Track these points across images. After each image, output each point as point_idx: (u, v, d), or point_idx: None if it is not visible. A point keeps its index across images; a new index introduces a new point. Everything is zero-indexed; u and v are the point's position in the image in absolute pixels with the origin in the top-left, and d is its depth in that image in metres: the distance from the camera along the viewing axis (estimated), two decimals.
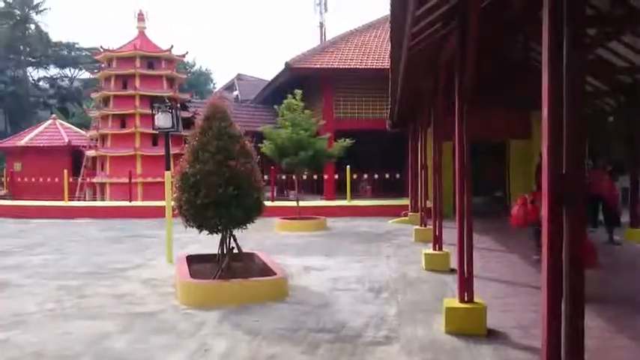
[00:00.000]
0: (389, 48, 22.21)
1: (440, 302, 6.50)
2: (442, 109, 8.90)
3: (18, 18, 45.40)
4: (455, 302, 5.80)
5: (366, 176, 20.40)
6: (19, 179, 24.28)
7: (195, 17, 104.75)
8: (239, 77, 42.15)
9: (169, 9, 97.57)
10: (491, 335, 5.51)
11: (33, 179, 22.44)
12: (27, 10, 46.41)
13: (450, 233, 9.50)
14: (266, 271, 7.77)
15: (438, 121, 9.22)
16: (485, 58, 8.88)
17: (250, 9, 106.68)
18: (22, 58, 47.44)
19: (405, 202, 17.37)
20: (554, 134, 2.56)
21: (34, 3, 46.99)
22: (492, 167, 17.42)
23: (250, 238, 9.74)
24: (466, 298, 5.72)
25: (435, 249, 9.21)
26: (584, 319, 2.66)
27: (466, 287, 5.72)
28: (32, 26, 46.54)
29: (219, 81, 59.83)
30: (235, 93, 38.87)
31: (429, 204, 12.82)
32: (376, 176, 19.96)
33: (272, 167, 18.38)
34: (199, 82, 54.82)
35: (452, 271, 8.58)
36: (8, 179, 25.84)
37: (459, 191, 5.89)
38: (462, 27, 5.46)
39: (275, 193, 20.02)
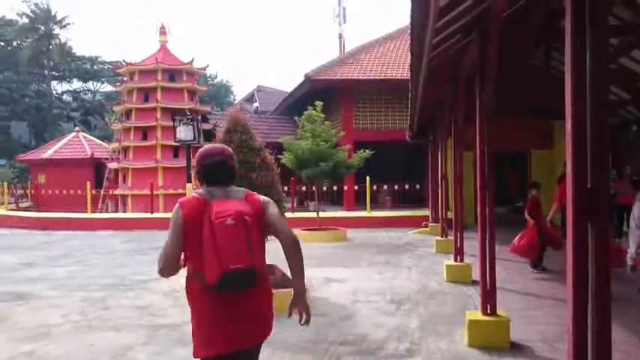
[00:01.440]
0: (408, 59, 22.12)
1: (462, 315, 6.44)
2: (462, 120, 8.87)
3: (42, 33, 46.25)
4: (478, 315, 5.75)
5: (385, 187, 20.35)
6: (43, 191, 24.64)
7: (216, 30, 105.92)
8: (259, 89, 42.45)
9: (191, 22, 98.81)
10: (515, 349, 5.44)
11: (57, 191, 22.76)
12: (51, 25, 47.27)
13: (472, 244, 9.45)
14: (287, 282, 7.77)
15: (459, 132, 9.18)
16: (506, 67, 8.83)
17: (270, 21, 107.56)
18: (46, 72, 48.29)
19: (426, 212, 17.29)
20: (578, 147, 2.54)
21: (58, 18, 47.89)
22: (514, 177, 17.32)
23: (270, 250, 9.74)
24: (489, 311, 5.66)
25: (456, 260, 9.15)
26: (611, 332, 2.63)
27: (489, 299, 5.67)
28: (56, 41, 47.37)
29: (240, 93, 60.36)
30: (255, 104, 39.13)
31: (450, 215, 12.77)
32: (396, 187, 19.90)
33: (292, 178, 18.42)
34: (220, 94, 55.36)
35: (474, 282, 8.50)
36: (33, 191, 26.24)
37: (481, 202, 5.86)
38: (483, 37, 5.45)
39: (295, 204, 20.05)
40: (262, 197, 3.12)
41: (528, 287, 8.29)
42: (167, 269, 2.93)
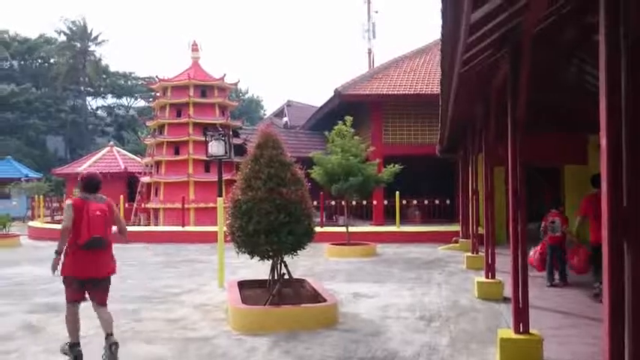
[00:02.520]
0: (438, 73, 21.99)
1: (494, 333, 6.36)
2: (493, 135, 8.80)
3: (78, 50, 47.46)
4: (510, 333, 5.66)
5: (415, 202, 20.23)
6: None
7: (247, 45, 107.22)
8: (288, 104, 42.71)
9: (222, 38, 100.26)
10: None
11: None
12: (87, 42, 48.49)
13: (503, 260, 9.34)
14: (316, 297, 7.78)
15: (490, 147, 9.11)
16: (538, 82, 8.75)
17: (299, 37, 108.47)
18: (82, 87, 49.47)
19: (456, 228, 17.12)
20: (613, 164, 2.51)
21: (93, 35, 49.08)
22: (546, 193, 17.01)
23: (300, 264, 9.80)
24: (521, 329, 5.56)
25: (487, 277, 9.03)
26: None
27: (521, 318, 5.58)
28: (91, 57, 48.55)
29: (270, 107, 60.91)
30: (285, 119, 39.37)
31: (481, 230, 12.63)
32: (426, 202, 19.76)
33: (321, 193, 18.45)
34: (250, 108, 55.92)
35: (505, 300, 8.39)
36: None
37: (513, 218, 5.78)
38: (514, 52, 5.42)
39: (324, 219, 20.06)
40: (111, 202, 5.99)
41: (560, 305, 8.14)
42: (65, 233, 5.66)
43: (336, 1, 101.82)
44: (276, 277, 7.62)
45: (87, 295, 5.79)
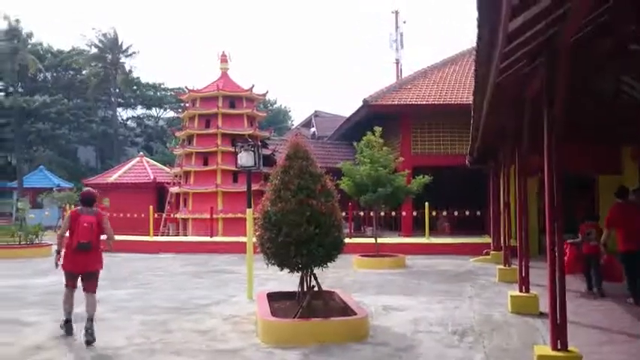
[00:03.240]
0: (467, 83, 21.87)
1: (529, 349, 6.19)
2: (526, 146, 8.63)
3: (109, 61, 48.30)
4: (547, 350, 5.49)
5: (444, 213, 19.99)
6: (107, 214, 25.40)
7: (275, 56, 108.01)
8: (316, 114, 42.83)
9: (250, 49, 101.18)
10: None
11: (120, 214, 23.45)
12: (117, 54, 49.31)
13: (535, 273, 9.13)
14: (346, 310, 7.68)
15: (522, 158, 8.93)
16: (572, 92, 8.56)
17: (327, 47, 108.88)
18: (112, 99, 50.28)
19: (487, 240, 16.85)
20: None
21: (124, 47, 49.90)
22: (581, 204, 16.64)
23: (328, 275, 9.70)
24: (559, 346, 5.40)
25: (521, 290, 8.82)
26: None
27: (559, 334, 5.41)
28: (122, 69, 49.34)
29: (297, 118, 61.11)
30: (312, 129, 39.45)
31: (513, 242, 12.39)
32: (456, 213, 19.51)
33: (349, 203, 18.35)
34: (278, 119, 56.18)
35: (541, 314, 8.19)
36: None
37: (549, 231, 5.63)
38: (552, 61, 5.29)
39: (352, 230, 19.94)
40: (102, 214, 7.54)
41: (598, 321, 7.89)
42: (60, 238, 7.29)
43: (364, 12, 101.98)
44: (305, 289, 7.55)
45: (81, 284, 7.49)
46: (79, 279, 7.39)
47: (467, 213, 19.12)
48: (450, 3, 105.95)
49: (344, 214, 13.74)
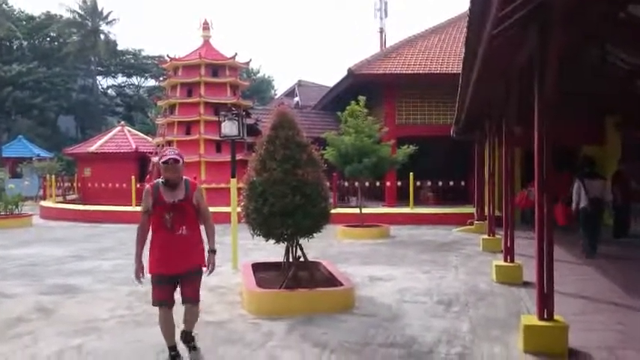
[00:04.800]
0: (453, 53, 21.67)
1: (515, 318, 6.23)
2: (513, 116, 8.57)
3: (88, 29, 47.22)
4: (534, 319, 5.50)
5: (429, 183, 20.01)
6: (89, 184, 25.11)
7: (258, 25, 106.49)
8: (299, 83, 42.40)
9: (233, 17, 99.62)
10: (574, 356, 5.20)
11: (102, 184, 23.17)
12: (97, 20, 48.22)
13: (519, 243, 9.17)
14: (332, 280, 7.65)
15: (509, 128, 8.88)
16: (560, 61, 8.47)
17: (310, 16, 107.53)
18: (92, 67, 49.30)
19: (470, 210, 16.93)
20: None
21: (104, 14, 48.79)
22: (564, 173, 16.74)
23: (313, 246, 9.63)
24: (546, 316, 5.41)
25: (506, 260, 8.86)
26: None
27: (546, 304, 5.42)
28: (101, 36, 48.31)
29: (281, 87, 60.57)
30: (296, 99, 39.10)
31: (498, 213, 12.44)
32: (440, 183, 19.54)
33: (333, 174, 18.27)
34: (261, 88, 55.60)
35: (525, 284, 8.25)
36: (79, 184, 26.79)
37: (538, 201, 5.59)
38: (544, 29, 5.18)
39: (336, 200, 19.90)
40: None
41: (583, 290, 7.96)
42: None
43: None
44: (291, 260, 7.49)
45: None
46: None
47: (451, 183, 19.15)
48: None
49: (328, 184, 13.67)
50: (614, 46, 10.93)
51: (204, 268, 5.12)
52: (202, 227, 5.17)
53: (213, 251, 5.15)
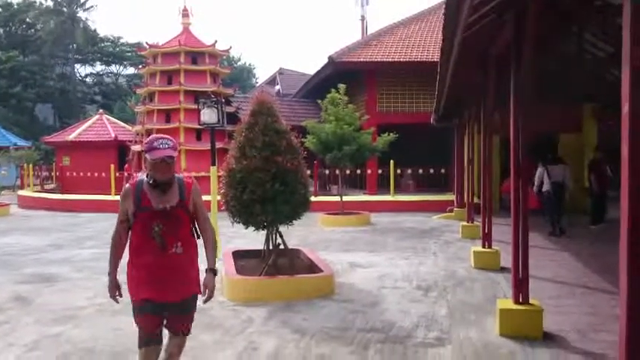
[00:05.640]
0: (433, 41, 21.71)
1: (492, 302, 6.31)
2: (491, 103, 8.64)
3: (66, 15, 46.48)
4: (509, 303, 5.59)
5: (409, 171, 20.11)
6: (67, 173, 24.84)
7: (239, 13, 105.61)
8: (281, 71, 42.22)
9: (213, 4, 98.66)
10: (549, 339, 5.29)
11: (81, 173, 22.93)
12: (74, 7, 47.48)
13: (498, 229, 9.29)
14: (312, 267, 7.70)
15: (487, 116, 8.95)
16: (537, 50, 8.56)
17: (291, 4, 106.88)
18: (70, 55, 48.58)
19: (450, 197, 17.08)
20: (635, 130, 2.37)
21: (81, 1, 48.06)
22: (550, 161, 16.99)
23: (294, 234, 9.69)
24: (521, 300, 5.50)
25: (484, 246, 8.97)
26: None
27: (521, 288, 5.51)
28: (79, 23, 47.59)
29: (262, 75, 60.24)
30: (277, 87, 38.94)
31: (476, 199, 12.56)
32: (420, 171, 19.66)
33: (315, 162, 18.30)
34: (242, 76, 55.32)
35: (502, 269, 8.36)
36: (57, 173, 26.49)
37: (514, 187, 5.66)
38: (520, 16, 5.22)
39: (317, 188, 19.95)
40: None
41: (558, 275, 8.10)
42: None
43: None
44: (271, 247, 7.51)
45: None
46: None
47: (431, 171, 19.28)
48: None
49: (309, 172, 13.69)
50: (590, 34, 11.06)
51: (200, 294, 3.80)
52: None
53: (213, 271, 3.75)
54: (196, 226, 3.80)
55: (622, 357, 2.48)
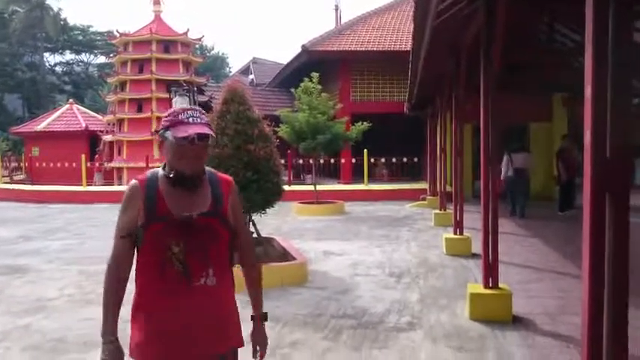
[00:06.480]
0: (407, 30, 21.80)
1: (463, 288, 6.40)
2: (463, 92, 8.72)
3: (34, 3, 45.45)
4: (479, 288, 5.68)
5: (383, 160, 20.23)
6: (37, 164, 24.43)
7: (212, 1, 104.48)
8: (254, 61, 41.97)
9: None
10: (517, 322, 5.39)
11: (51, 164, 22.57)
12: None
13: (470, 217, 9.41)
14: (285, 255, 7.71)
15: (459, 104, 9.04)
16: (507, 39, 8.64)
17: None
18: (39, 43, 47.58)
19: (423, 185, 17.22)
20: (597, 114, 2.42)
21: None
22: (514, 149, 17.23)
23: (268, 223, 9.68)
24: (491, 284, 5.60)
25: (455, 233, 9.09)
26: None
27: (491, 273, 5.60)
28: (48, 11, 46.57)
29: (235, 65, 59.86)
30: (251, 77, 38.72)
31: (449, 187, 12.69)
32: (394, 160, 19.77)
33: (288, 151, 18.27)
34: (216, 66, 54.83)
35: (473, 255, 8.48)
36: (26, 164, 26.03)
37: (484, 175, 5.74)
38: (488, 6, 5.27)
39: (292, 177, 19.94)
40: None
41: (528, 260, 8.25)
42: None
43: None
44: None
45: None
46: None
47: (405, 160, 19.41)
48: None
49: (283, 161, 13.66)
50: (560, 24, 11.20)
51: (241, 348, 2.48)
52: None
53: (263, 318, 2.59)
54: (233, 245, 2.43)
55: (584, 337, 2.54)
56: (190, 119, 2.24)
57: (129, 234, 2.36)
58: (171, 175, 2.29)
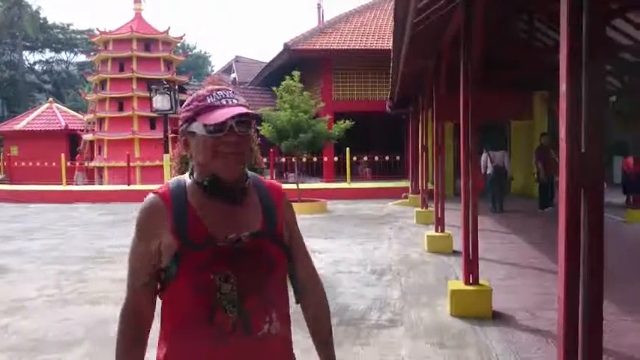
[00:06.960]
0: (389, 28, 21.85)
1: (444, 284, 6.44)
2: (444, 90, 8.77)
3: (12, 1, 44.83)
4: (460, 284, 5.73)
5: (365, 158, 20.28)
6: (16, 163, 24.12)
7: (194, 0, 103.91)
8: (237, 59, 41.77)
9: None
10: (497, 318, 5.44)
11: (30, 163, 22.30)
12: None
13: (452, 215, 9.47)
14: None
15: (440, 102, 9.07)
16: (487, 37, 8.70)
17: None
18: (18, 42, 46.94)
19: (405, 184, 17.28)
20: (572, 109, 2.44)
21: None
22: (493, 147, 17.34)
23: None
24: (471, 281, 5.64)
25: (437, 231, 9.14)
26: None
27: (471, 269, 5.64)
28: (27, 9, 45.96)
29: (218, 63, 59.57)
30: (233, 75, 38.54)
31: (430, 186, 12.76)
32: (376, 158, 19.83)
33: (271, 150, 18.24)
34: (198, 64, 54.48)
35: (454, 252, 8.53)
36: (5, 163, 25.69)
37: (464, 172, 5.78)
38: (469, 3, 5.31)
39: (274, 176, 19.91)
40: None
41: (508, 257, 8.32)
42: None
43: None
44: None
45: None
46: None
47: (387, 158, 19.47)
48: None
49: (265, 160, 13.65)
50: (539, 22, 11.32)
51: None
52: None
53: None
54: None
55: (560, 331, 2.57)
56: (223, 100, 1.61)
57: (151, 279, 1.61)
58: (205, 182, 1.61)
